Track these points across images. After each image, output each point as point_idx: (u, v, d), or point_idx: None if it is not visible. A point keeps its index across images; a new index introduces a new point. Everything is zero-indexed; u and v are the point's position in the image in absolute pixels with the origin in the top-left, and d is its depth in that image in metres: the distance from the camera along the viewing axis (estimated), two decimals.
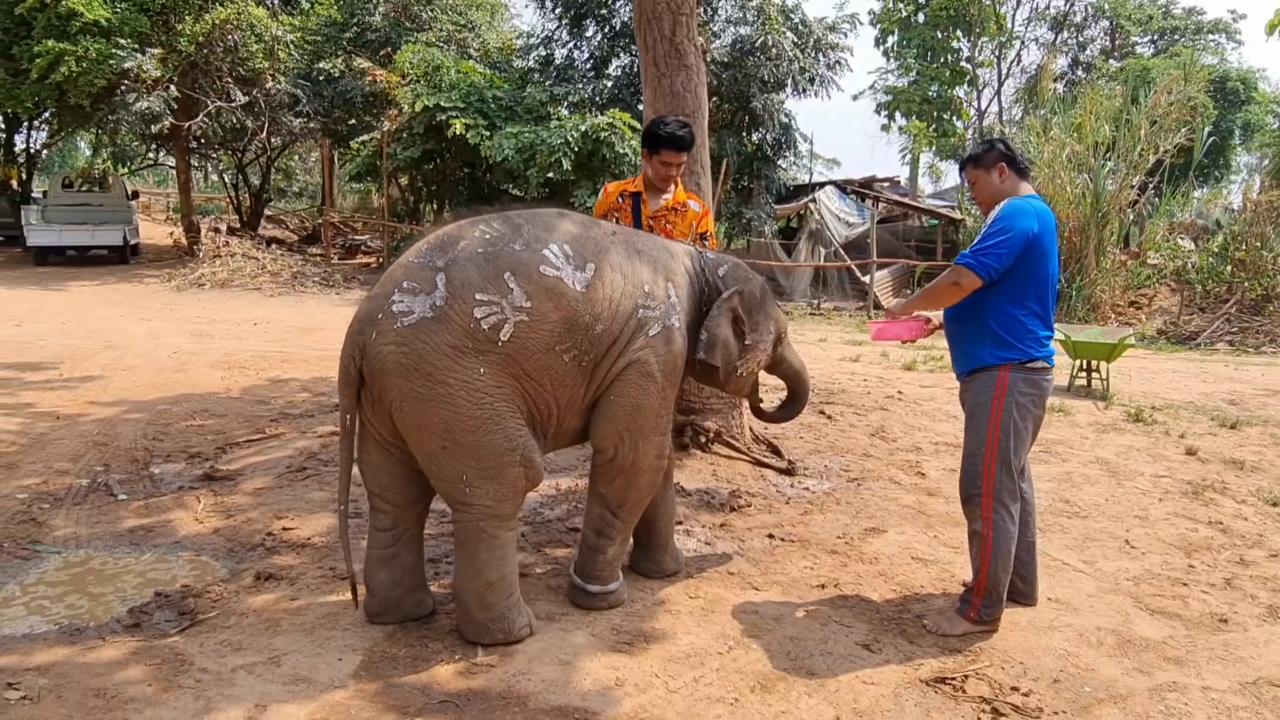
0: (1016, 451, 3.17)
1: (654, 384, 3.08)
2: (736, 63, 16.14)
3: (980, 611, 3.20)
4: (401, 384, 2.75)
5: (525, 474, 2.91)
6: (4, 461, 5.02)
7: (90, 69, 15.16)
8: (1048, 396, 3.25)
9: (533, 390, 2.88)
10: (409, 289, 2.77)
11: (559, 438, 3.14)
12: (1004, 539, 3.18)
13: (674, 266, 3.27)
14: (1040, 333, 3.20)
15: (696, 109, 5.53)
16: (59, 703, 2.61)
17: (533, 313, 2.80)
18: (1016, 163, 3.31)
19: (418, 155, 16.59)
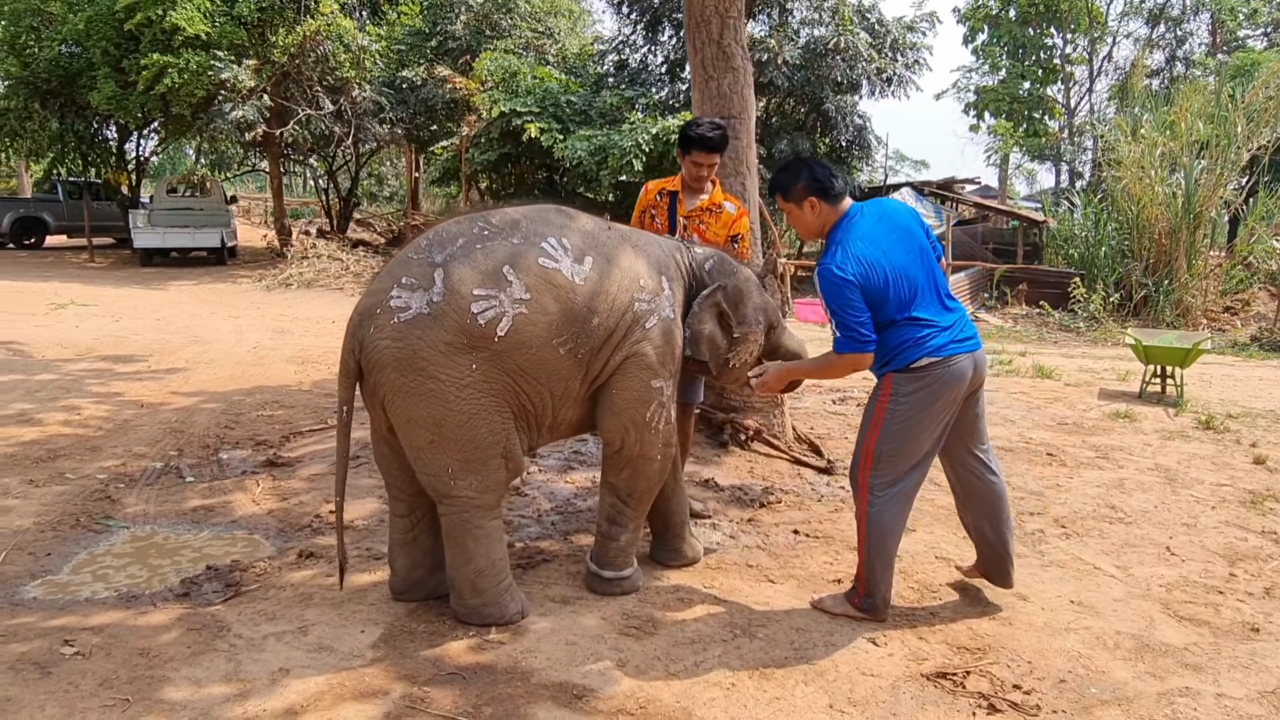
0: (901, 443, 3.10)
1: (654, 376, 3.17)
2: (809, 64, 16.05)
3: (863, 600, 3.24)
4: (394, 378, 2.86)
5: (506, 465, 3.02)
6: (90, 444, 5.42)
7: (191, 80, 16.04)
8: (957, 384, 3.06)
9: (525, 385, 2.97)
10: (407, 285, 2.87)
11: (556, 428, 3.22)
12: (876, 532, 3.16)
13: (668, 261, 3.35)
14: (916, 334, 3.05)
15: (742, 110, 5.59)
16: (106, 659, 2.85)
17: (532, 305, 2.87)
18: (827, 188, 3.13)
19: (495, 159, 17.00)
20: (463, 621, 3.14)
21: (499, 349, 2.86)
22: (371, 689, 2.72)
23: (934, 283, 3.13)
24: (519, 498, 4.60)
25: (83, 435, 5.61)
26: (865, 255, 3.01)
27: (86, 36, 17.03)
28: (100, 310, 11.75)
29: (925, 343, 3.05)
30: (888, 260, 3.03)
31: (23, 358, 8.12)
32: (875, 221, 3.11)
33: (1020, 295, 15.60)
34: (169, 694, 2.67)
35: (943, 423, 3.16)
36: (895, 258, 3.05)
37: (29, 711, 2.54)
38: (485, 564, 3.07)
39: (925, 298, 3.10)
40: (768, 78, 15.91)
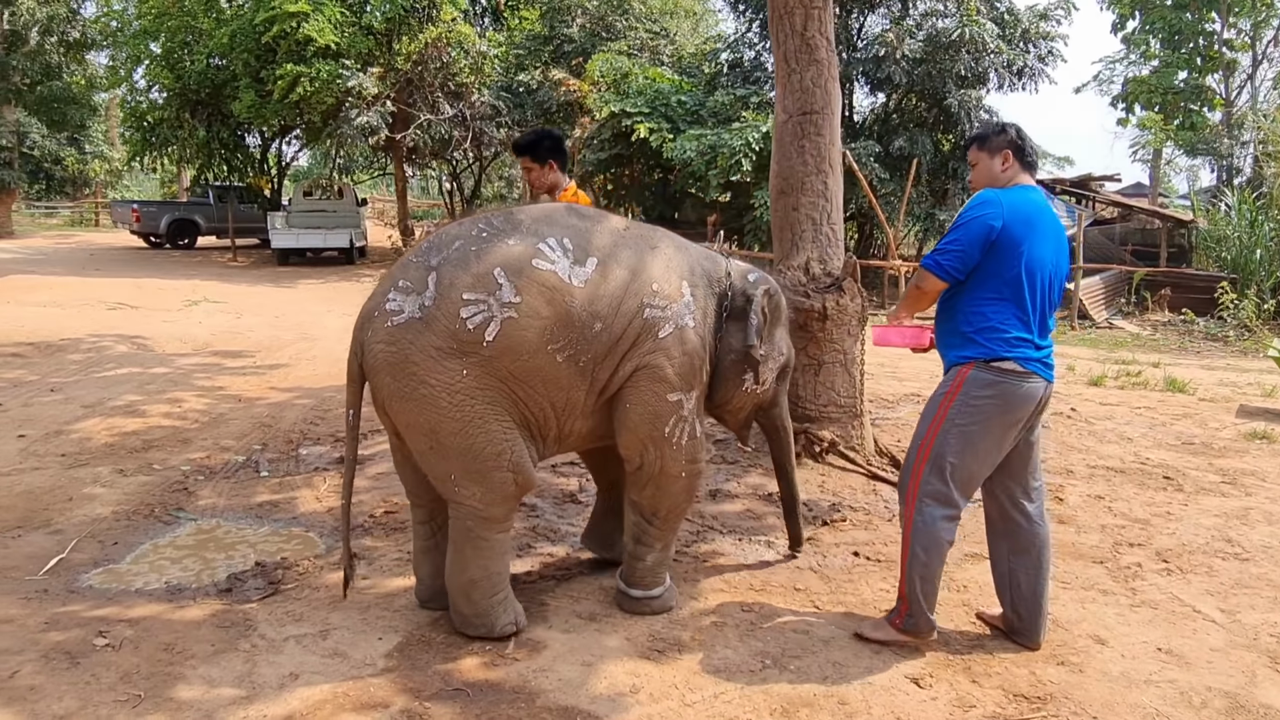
0: (960, 456, 2.90)
1: (669, 388, 2.98)
2: (931, 58, 15.35)
3: (904, 620, 3.02)
4: (390, 382, 2.80)
5: (514, 479, 2.89)
6: (182, 436, 5.66)
7: (321, 88, 16.83)
8: (1025, 405, 2.89)
9: (522, 392, 2.84)
10: (403, 288, 2.81)
11: (565, 440, 3.08)
12: (923, 545, 2.95)
13: (694, 267, 3.15)
14: (1013, 333, 2.90)
15: (826, 104, 5.32)
16: (134, 652, 2.91)
17: (522, 309, 2.75)
18: (1025, 154, 3.06)
19: (606, 159, 17.08)
20: (455, 629, 3.05)
21: (488, 354, 2.75)
22: (373, 700, 2.66)
23: (1052, 305, 3.04)
24: (572, 505, 4.50)
25: (179, 427, 5.87)
26: (1028, 215, 2.93)
27: (230, 50, 18.13)
28: (227, 307, 12.43)
29: (1018, 347, 2.91)
30: (1041, 241, 2.94)
31: (144, 352, 8.64)
32: (1045, 208, 3.03)
33: (1162, 300, 14.46)
34: (180, 692, 2.68)
35: (1001, 445, 2.93)
36: (1045, 248, 2.95)
37: (47, 702, 2.61)
38: (480, 575, 2.96)
39: (1039, 307, 2.97)
40: (885, 73, 15.33)
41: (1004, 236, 2.87)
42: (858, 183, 13.18)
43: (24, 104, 25.46)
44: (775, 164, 5.46)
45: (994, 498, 3.12)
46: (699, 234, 17.67)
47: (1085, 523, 4.39)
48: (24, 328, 9.55)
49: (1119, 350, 11.03)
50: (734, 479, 4.89)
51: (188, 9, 19.38)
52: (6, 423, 5.81)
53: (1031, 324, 2.93)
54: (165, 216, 23.35)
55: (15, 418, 5.95)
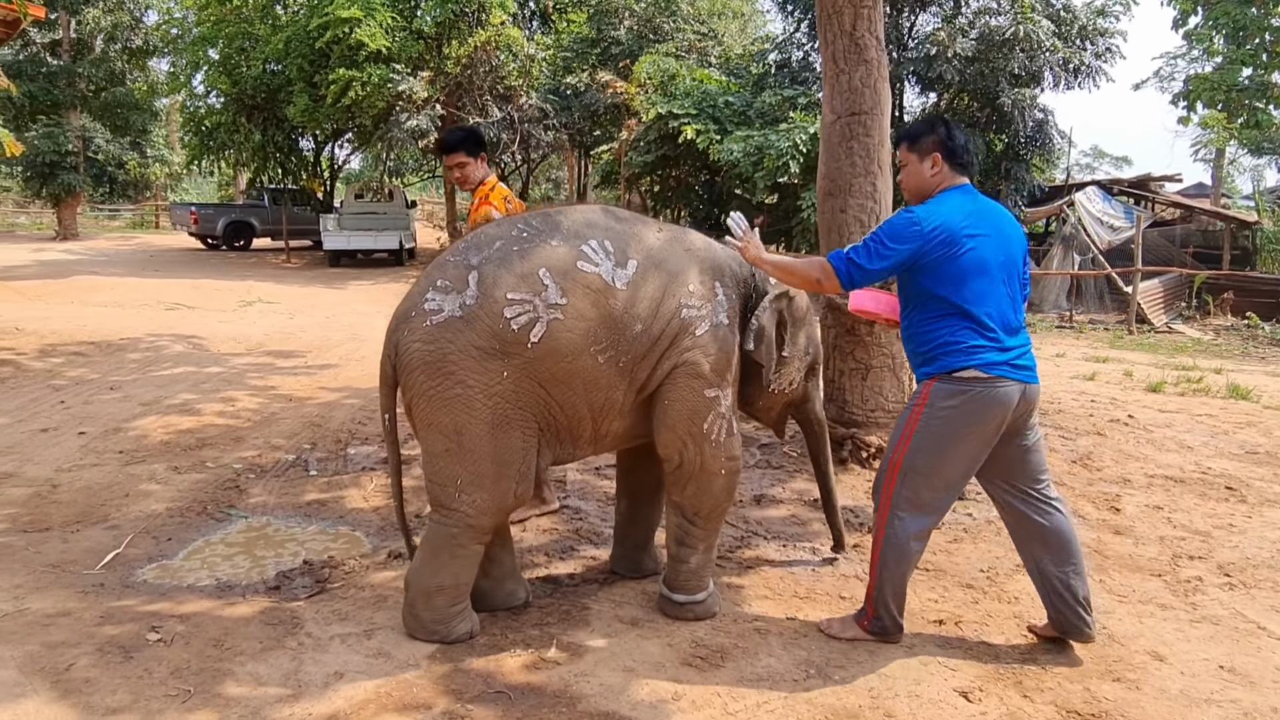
0: (931, 465, 2.89)
1: (706, 384, 2.99)
2: (983, 56, 15.07)
3: (871, 623, 3.06)
4: (422, 381, 2.80)
5: (516, 489, 2.90)
6: (235, 435, 5.77)
7: (372, 92, 17.08)
8: (996, 410, 2.83)
9: (558, 395, 2.84)
10: (442, 287, 2.81)
11: (601, 440, 3.07)
12: (895, 555, 2.96)
13: (723, 267, 3.16)
14: (968, 342, 2.85)
15: (875, 106, 5.25)
16: (184, 648, 2.96)
17: (568, 310, 2.76)
18: (956, 154, 2.96)
19: (652, 161, 17.06)
20: (406, 631, 3.04)
21: (531, 356, 2.76)
22: (416, 701, 2.67)
23: (1012, 300, 2.96)
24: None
25: (231, 426, 5.99)
26: (953, 225, 2.84)
27: (285, 55, 18.49)
28: (280, 308, 12.68)
29: (977, 354, 2.84)
30: (977, 244, 2.85)
31: (200, 351, 8.84)
32: (981, 207, 2.95)
33: (1225, 304, 14.06)
34: (228, 689, 2.72)
35: (976, 452, 2.92)
36: (986, 249, 2.87)
37: (101, 695, 2.66)
38: (450, 583, 2.95)
39: (997, 308, 2.90)
40: (936, 72, 15.10)
41: (929, 258, 2.82)
42: None
43: (89, 110, 26.23)
44: (823, 165, 5.40)
45: (1007, 507, 3.08)
46: None
47: (1143, 534, 4.26)
48: (86, 327, 9.83)
49: (1179, 355, 10.72)
50: (778, 484, 4.84)
51: (244, 16, 19.84)
52: (68, 420, 5.98)
53: (989, 328, 2.86)
54: (222, 219, 23.90)
55: (77, 415, 6.12)
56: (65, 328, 9.74)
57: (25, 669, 2.79)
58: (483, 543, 2.99)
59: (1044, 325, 13.57)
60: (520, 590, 3.31)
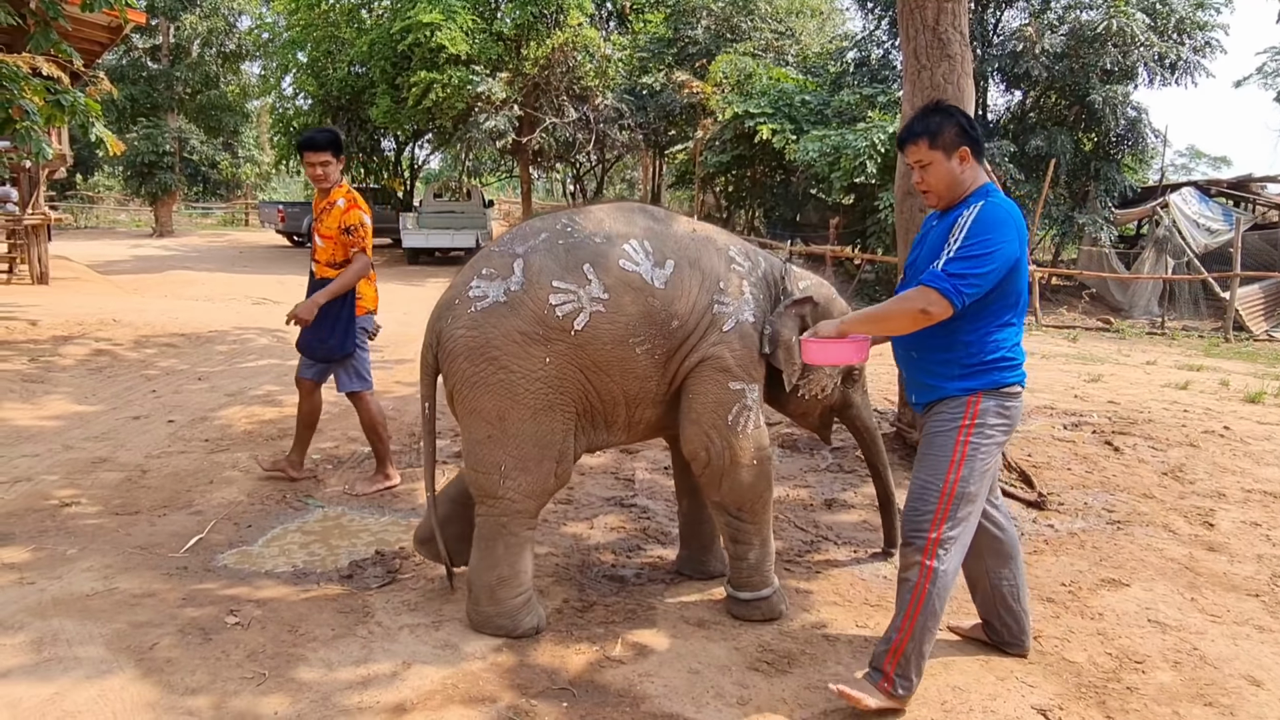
0: (980, 488, 2.66)
1: (731, 377, 3.02)
2: (1073, 52, 14.58)
3: (896, 684, 2.61)
4: (465, 367, 2.86)
5: (556, 472, 2.96)
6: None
7: (452, 94, 17.42)
8: (1017, 420, 2.74)
9: (597, 382, 2.92)
10: (487, 275, 2.88)
11: (634, 427, 3.13)
12: (940, 596, 2.62)
13: (753, 267, 3.19)
14: (1021, 357, 2.71)
15: (958, 102, 5.08)
16: (260, 632, 3.04)
17: (609, 304, 2.85)
18: (980, 145, 2.70)
19: (727, 161, 16.99)
20: (471, 628, 3.06)
21: (575, 342, 2.83)
22: (481, 694, 2.69)
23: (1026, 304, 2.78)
24: None
25: None
26: (1023, 227, 2.63)
27: (369, 58, 18.99)
28: None
29: (1020, 368, 2.71)
30: (1022, 262, 2.65)
31: (283, 344, 9.10)
32: (1020, 216, 2.69)
33: None
34: (301, 673, 2.78)
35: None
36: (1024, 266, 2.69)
37: (181, 675, 2.75)
38: (509, 573, 2.99)
39: (1024, 314, 2.73)
40: (1023, 69, 14.67)
41: (1020, 259, 2.61)
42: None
43: (185, 112, 27.40)
44: (902, 164, 5.28)
45: None
46: (821, 236, 17.35)
47: (1239, 551, 4.04)
48: (178, 320, 10.22)
49: (1278, 365, 10.17)
50: (850, 489, 4.74)
51: (332, 20, 20.43)
52: (159, 408, 6.23)
53: (1021, 329, 2.75)
54: (307, 217, 24.59)
55: (167, 404, 6.36)
56: (158, 320, 10.14)
57: (112, 646, 2.90)
58: (532, 527, 3.05)
59: (1134, 331, 13.05)
60: None
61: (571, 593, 3.41)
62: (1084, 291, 15.66)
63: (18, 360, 7.42)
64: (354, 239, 4.49)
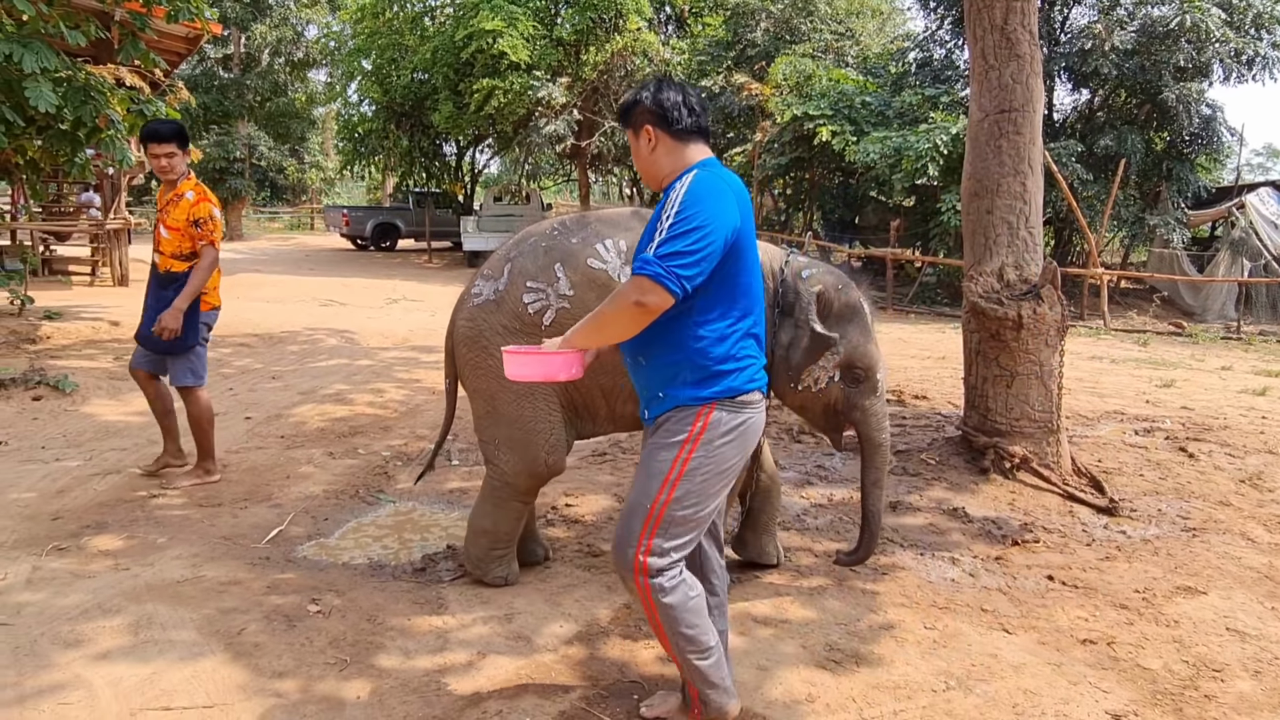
0: (697, 509, 2.32)
1: None
2: (1144, 49, 14.20)
3: (705, 709, 2.44)
4: (465, 353, 3.29)
5: (546, 460, 3.26)
6: (383, 424, 6.09)
7: (513, 100, 17.66)
8: (758, 436, 2.41)
9: None
10: (486, 275, 3.31)
11: (618, 420, 3.37)
12: (680, 617, 2.32)
13: None
14: (759, 361, 2.38)
15: (1026, 103, 5.05)
16: (340, 620, 3.15)
17: (575, 301, 3.11)
18: (669, 120, 2.31)
19: (786, 163, 16.92)
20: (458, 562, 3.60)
21: (546, 337, 2.93)
22: (554, 684, 2.75)
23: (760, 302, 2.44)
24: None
25: (380, 416, 6.31)
26: (745, 200, 2.30)
27: (432, 65, 19.35)
28: (422, 305, 13.25)
29: (754, 370, 2.36)
30: (752, 236, 2.35)
31: (351, 345, 9.35)
32: (744, 192, 2.34)
33: None
34: (381, 661, 2.88)
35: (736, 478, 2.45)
36: (754, 241, 2.39)
37: (268, 659, 2.87)
38: (489, 527, 3.39)
39: (762, 317, 2.42)
40: (1092, 67, 14.34)
41: (741, 237, 2.25)
42: (1056, 184, 12.43)
43: (255, 119, 28.21)
44: (969, 165, 5.24)
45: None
46: (881, 239, 17.17)
47: None
48: (250, 321, 10.55)
49: None
50: (916, 492, 4.72)
51: (396, 28, 20.86)
52: (236, 406, 6.45)
53: (760, 339, 2.40)
54: (370, 221, 25.20)
55: (243, 401, 6.59)
56: (232, 321, 10.47)
57: (203, 630, 3.03)
58: (523, 502, 3.38)
59: (1208, 336, 12.66)
60: (539, 549, 3.74)
61: None
62: (1154, 295, 15.23)
63: (104, 359, 7.75)
64: (203, 232, 4.51)
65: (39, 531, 3.94)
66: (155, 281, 4.65)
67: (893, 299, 15.23)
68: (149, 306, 4.63)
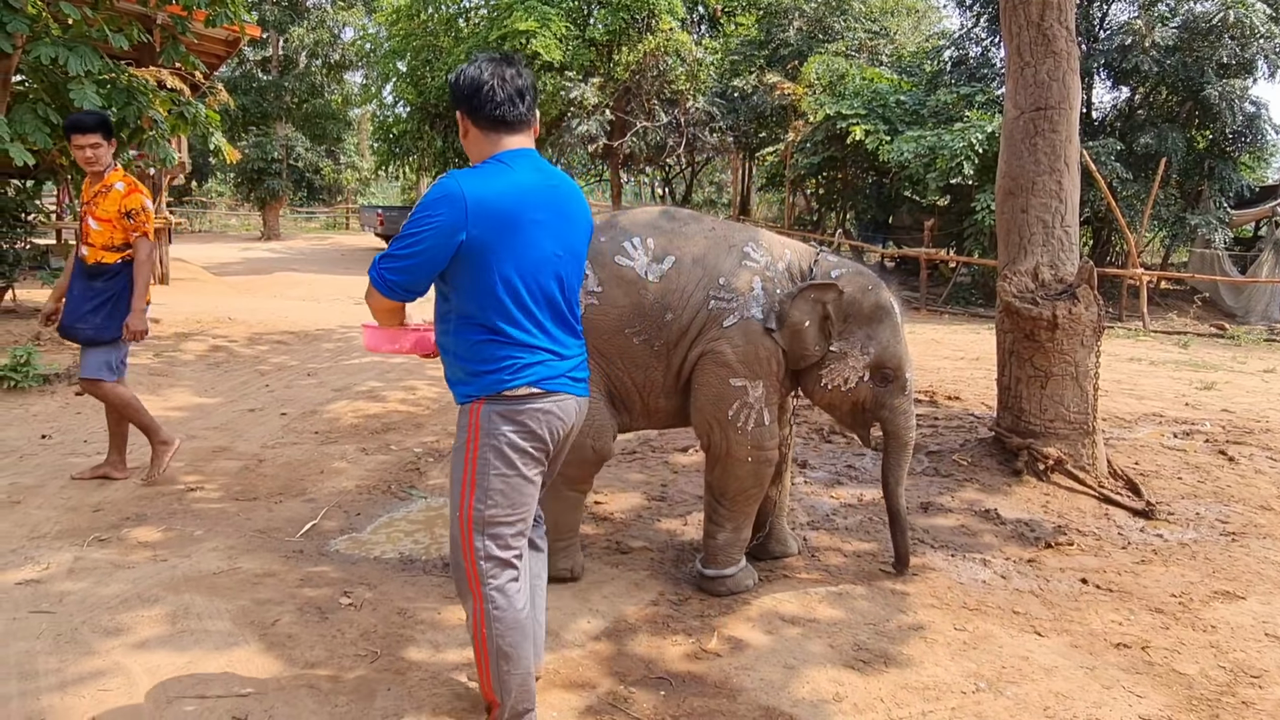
0: (508, 507, 2.30)
1: (732, 373, 3.17)
2: (1186, 46, 13.95)
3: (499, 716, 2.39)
4: None
5: (592, 446, 3.24)
6: (416, 421, 6.15)
7: (546, 100, 17.73)
8: (559, 425, 2.34)
9: (607, 367, 3.22)
10: None
11: (652, 415, 3.40)
12: (509, 628, 2.31)
13: (773, 263, 3.27)
14: (524, 359, 2.27)
15: (1063, 100, 4.99)
16: (371, 613, 3.19)
17: (603, 297, 3.17)
18: (480, 110, 2.24)
19: (818, 163, 16.83)
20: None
21: None
22: (581, 680, 2.77)
23: (569, 302, 2.39)
24: None
25: (413, 413, 6.38)
26: (495, 211, 2.19)
27: None
28: None
29: (533, 369, 2.29)
30: (526, 234, 2.24)
31: None
32: (531, 186, 2.27)
33: None
34: (410, 653, 2.92)
35: (540, 475, 2.39)
36: (535, 242, 2.26)
37: (301, 650, 2.92)
38: (551, 520, 3.22)
39: (551, 311, 2.34)
40: (1132, 63, 14.11)
41: (472, 246, 2.18)
42: (1094, 183, 12.24)
43: (292, 121, 28.61)
44: (1003, 163, 5.18)
45: None
46: (914, 239, 17.02)
47: None
48: (287, 318, 10.71)
49: None
50: (947, 493, 4.68)
51: (430, 30, 21.05)
52: (272, 401, 6.55)
53: (542, 336, 2.31)
54: (405, 221, 25.41)
55: (279, 398, 6.69)
56: (269, 319, 10.65)
57: (238, 621, 3.09)
58: (578, 490, 3.39)
59: (1250, 338, 12.40)
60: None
61: (667, 586, 3.47)
62: (1195, 296, 14.95)
63: (144, 355, 7.91)
64: (135, 223, 4.45)
65: (81, 523, 4.03)
66: (83, 272, 4.50)
67: (926, 299, 15.09)
68: (73, 298, 4.49)
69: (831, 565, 3.74)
